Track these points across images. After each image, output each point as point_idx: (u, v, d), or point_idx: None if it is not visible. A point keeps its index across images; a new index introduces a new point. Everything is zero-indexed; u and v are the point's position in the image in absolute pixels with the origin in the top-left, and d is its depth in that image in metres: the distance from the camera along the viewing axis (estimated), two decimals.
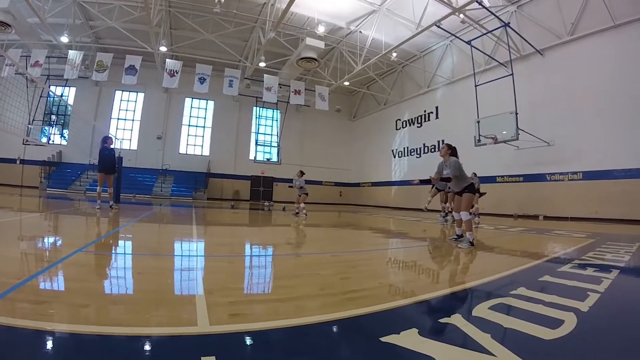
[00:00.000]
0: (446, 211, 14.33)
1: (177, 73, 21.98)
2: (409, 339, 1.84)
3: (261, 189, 32.10)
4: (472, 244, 5.96)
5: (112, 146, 11.88)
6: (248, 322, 2.03)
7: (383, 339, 1.82)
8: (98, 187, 11.12)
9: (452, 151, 6.51)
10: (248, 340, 1.81)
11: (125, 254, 4.63)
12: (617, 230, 11.49)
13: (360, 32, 22.48)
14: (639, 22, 15.12)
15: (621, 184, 15.30)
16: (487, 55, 19.80)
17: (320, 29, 20.83)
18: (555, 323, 2.17)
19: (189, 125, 31.15)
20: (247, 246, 6.01)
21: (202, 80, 22.55)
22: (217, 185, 30.17)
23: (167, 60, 22.54)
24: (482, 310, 2.42)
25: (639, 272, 4.81)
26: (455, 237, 6.64)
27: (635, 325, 2.40)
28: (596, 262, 4.80)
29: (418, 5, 18.30)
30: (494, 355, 1.69)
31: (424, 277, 4.00)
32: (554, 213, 17.45)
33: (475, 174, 14.41)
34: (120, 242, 5.48)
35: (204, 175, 29.31)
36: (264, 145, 32.07)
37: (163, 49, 22.58)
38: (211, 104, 31.43)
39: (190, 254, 4.85)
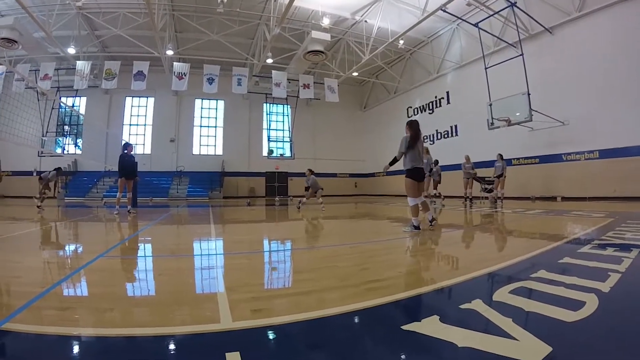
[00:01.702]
0: (469, 197, 14.28)
1: (185, 75, 22.17)
2: (430, 326, 1.85)
3: (276, 185, 32.16)
4: (415, 227, 6.09)
5: (132, 152, 12.29)
6: (270, 316, 2.06)
7: (405, 327, 1.83)
8: (118, 193, 11.53)
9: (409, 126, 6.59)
10: (271, 335, 1.85)
11: (145, 256, 4.72)
12: (637, 208, 11.29)
13: (366, 21, 22.34)
14: None
15: (638, 161, 14.88)
16: (496, 36, 19.45)
17: (325, 21, 20.75)
18: (576, 305, 2.16)
19: (201, 126, 31.32)
20: (265, 242, 6.07)
21: (210, 81, 22.70)
22: (232, 184, 30.29)
23: (175, 63, 22.73)
24: (502, 294, 2.42)
25: None
26: (430, 222, 6.55)
27: None
28: (616, 242, 4.73)
29: None
30: (517, 340, 1.69)
31: (443, 264, 4.02)
32: (572, 194, 17.08)
33: (501, 156, 14.37)
34: (140, 246, 5.56)
35: (219, 175, 29.45)
36: (276, 141, 32.31)
37: (170, 52, 22.76)
38: (221, 103, 31.55)
39: (209, 252, 4.93)
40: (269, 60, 23.82)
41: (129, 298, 2.63)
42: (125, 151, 11.85)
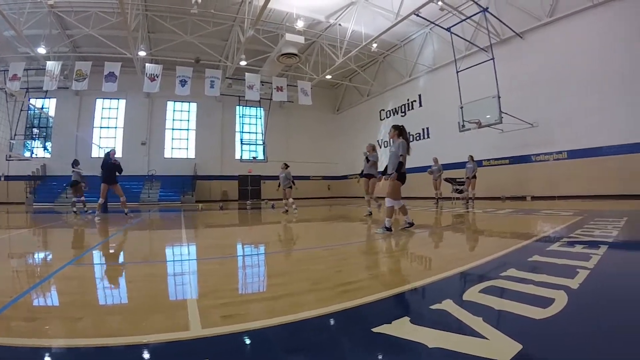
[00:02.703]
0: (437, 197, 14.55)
1: (157, 77, 21.74)
2: (400, 327, 1.84)
3: (249, 188, 31.96)
4: (387, 229, 6.10)
5: (114, 157, 12.46)
6: (241, 322, 2.00)
7: (375, 330, 1.81)
8: (100, 199, 11.99)
9: (399, 132, 6.56)
10: (241, 341, 1.80)
11: (115, 263, 4.55)
12: (604, 206, 11.68)
13: (340, 24, 22.43)
14: (617, 1, 15.22)
15: (605, 160, 15.53)
16: (467, 41, 19.86)
17: (300, 24, 20.73)
18: (546, 302, 2.18)
19: (173, 129, 30.84)
20: (238, 246, 5.98)
21: (183, 83, 22.36)
22: (204, 188, 29.88)
23: (147, 64, 22.32)
24: (473, 294, 2.43)
25: (627, 246, 4.86)
26: (407, 225, 6.53)
27: (625, 299, 2.43)
28: (585, 239, 4.85)
29: None
30: (487, 338, 1.70)
31: (416, 265, 4.02)
32: (542, 193, 17.70)
33: (472, 157, 14.67)
34: (111, 252, 5.39)
35: (191, 178, 29.12)
36: (249, 144, 32.04)
37: (142, 53, 22.31)
38: (194, 105, 31.14)
39: (180, 258, 4.79)
40: (243, 63, 23.63)
41: (99, 307, 2.51)
42: (109, 157, 12.12)
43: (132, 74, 24.49)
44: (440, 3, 17.18)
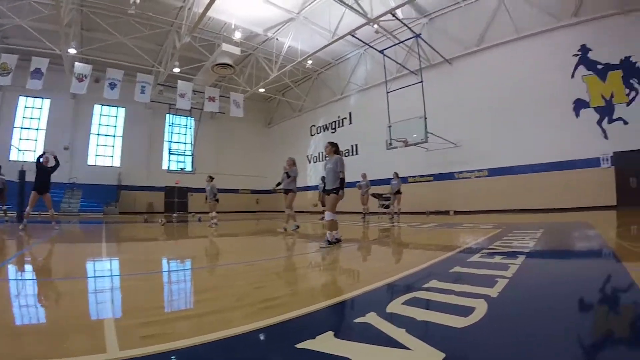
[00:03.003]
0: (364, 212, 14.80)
1: (86, 78, 20.14)
2: (324, 342, 1.82)
3: (176, 200, 30.37)
4: (329, 242, 6.18)
5: (48, 164, 11.33)
6: (160, 342, 1.87)
7: (299, 346, 1.78)
8: (28, 207, 10.70)
9: (335, 149, 6.66)
10: None
11: (29, 279, 4.12)
12: (522, 219, 12.54)
13: (277, 39, 22.47)
14: (540, 34, 17.10)
15: (522, 178, 17.24)
16: (399, 64, 20.80)
17: (237, 35, 20.62)
18: (467, 311, 2.24)
19: (99, 135, 28.45)
20: (160, 261, 5.63)
21: (112, 86, 20.99)
22: (129, 198, 27.94)
23: (76, 63, 20.56)
24: (396, 305, 2.45)
25: (543, 255, 5.17)
26: (335, 240, 6.47)
27: (541, 305, 2.55)
28: (503, 250, 5.12)
29: (334, 14, 18.70)
30: (410, 349, 1.72)
31: (340, 279, 4.00)
32: (464, 208, 18.91)
33: (396, 174, 15.14)
34: (25, 267, 4.86)
35: (115, 188, 27.26)
36: (177, 154, 30.77)
37: (72, 51, 20.40)
38: (122, 111, 29.09)
39: (100, 274, 4.38)
40: (176, 70, 22.86)
41: (9, 327, 2.28)
42: (41, 162, 10.99)
43: (59, 72, 22.52)
44: (375, 26, 17.86)
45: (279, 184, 10.49)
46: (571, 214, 14.10)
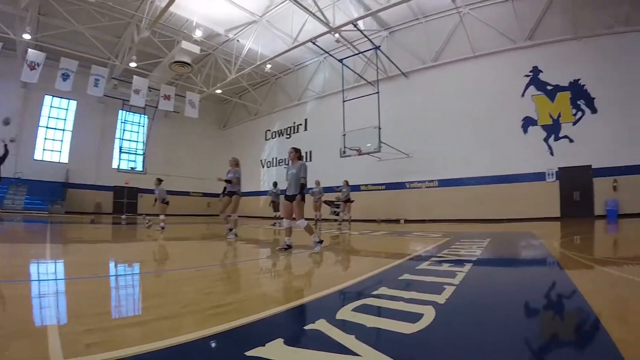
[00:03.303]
0: (318, 219, 14.78)
1: (38, 66, 18.79)
2: (274, 349, 1.80)
3: (125, 201, 29.08)
4: (320, 242, 6.21)
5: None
6: (106, 350, 1.77)
7: (248, 353, 1.75)
8: None
9: (299, 155, 6.73)
10: None
11: None
12: (470, 229, 13.06)
13: (238, 40, 22.26)
14: (495, 54, 18.30)
15: (472, 189, 18.20)
16: (357, 74, 21.26)
17: (198, 33, 20.26)
18: (415, 317, 2.28)
19: (47, 128, 26.51)
20: (107, 266, 5.27)
21: (65, 77, 19.78)
22: (76, 197, 26.32)
23: (30, 50, 19.32)
24: (346, 312, 2.46)
25: (489, 263, 5.40)
26: (285, 247, 6.43)
27: (487, 311, 2.65)
28: (451, 258, 5.26)
29: (297, 21, 18.84)
30: (360, 355, 1.73)
31: (290, 285, 3.99)
32: (414, 216, 19.55)
33: (346, 182, 15.27)
34: None
35: (62, 186, 25.66)
36: (129, 153, 29.35)
37: (27, 36, 19.27)
38: (73, 104, 27.27)
39: (42, 278, 4.11)
40: (132, 64, 22.08)
41: None
42: None
43: (10, 58, 21.19)
44: (337, 35, 18.07)
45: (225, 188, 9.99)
46: (518, 224, 14.88)
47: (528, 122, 17.21)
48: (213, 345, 1.98)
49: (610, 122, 15.47)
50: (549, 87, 16.89)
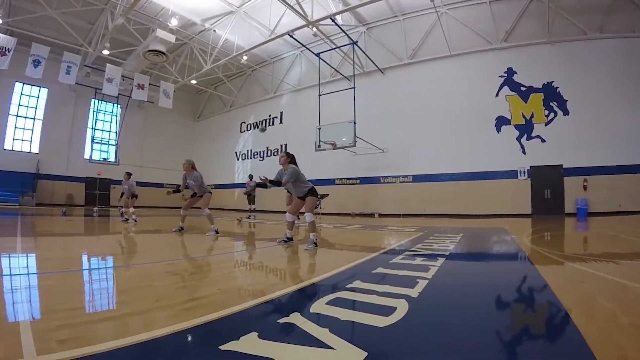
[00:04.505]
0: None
1: (9, 52, 17.94)
2: (248, 343, 1.82)
3: (97, 193, 28.29)
4: (316, 244, 6.10)
5: None
6: (79, 346, 1.76)
7: (223, 347, 1.76)
8: None
9: (290, 159, 6.64)
10: None
11: None
12: (443, 223, 13.30)
13: (214, 31, 21.85)
14: (471, 54, 18.68)
15: (445, 185, 18.58)
16: (333, 68, 21.25)
17: (174, 22, 19.73)
18: (388, 311, 2.32)
19: (17, 116, 25.31)
20: (79, 260, 5.13)
21: (36, 63, 18.90)
22: (47, 189, 25.47)
23: (0, 35, 18.50)
24: (320, 306, 2.49)
25: (462, 257, 5.46)
26: (285, 239, 6.59)
27: (459, 305, 2.70)
28: (425, 252, 5.35)
29: (275, 13, 18.64)
30: (334, 348, 1.76)
31: (264, 279, 3.94)
32: (388, 211, 19.84)
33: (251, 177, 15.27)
34: None
35: (33, 177, 24.68)
36: (101, 143, 28.27)
37: None
38: (44, 92, 26.16)
39: (13, 272, 4.03)
40: (106, 52, 21.30)
41: None
42: None
43: None
44: (314, 29, 18.01)
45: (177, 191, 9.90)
46: (490, 220, 15.26)
47: (501, 121, 17.60)
48: (187, 339, 1.96)
49: (581, 124, 16.02)
50: (522, 88, 17.31)
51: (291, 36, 17.89)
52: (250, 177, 18.05)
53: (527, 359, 1.75)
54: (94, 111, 27.78)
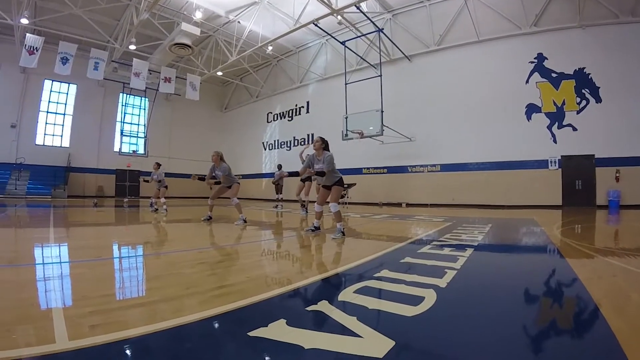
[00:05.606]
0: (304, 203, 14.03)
1: (37, 50, 18.58)
2: (277, 330, 1.83)
3: (127, 184, 29.14)
4: (343, 233, 6.04)
5: None
6: (109, 332, 1.80)
7: (251, 334, 1.78)
8: None
9: (325, 145, 6.50)
10: (109, 351, 1.64)
11: None
12: (472, 214, 13.03)
13: (239, 22, 21.91)
14: (499, 40, 17.97)
15: (474, 175, 18.13)
16: (359, 56, 20.97)
17: (198, 15, 19.93)
18: (416, 300, 2.30)
19: (48, 112, 26.22)
20: (110, 248, 5.30)
21: (64, 61, 19.50)
22: (78, 181, 26.40)
23: (28, 35, 19.01)
24: (347, 294, 2.49)
25: (490, 249, 5.37)
26: (313, 228, 6.57)
27: (488, 296, 2.68)
28: (453, 243, 5.28)
29: (299, 2, 18.65)
30: (361, 337, 1.76)
31: (292, 267, 3.98)
32: (416, 200, 19.65)
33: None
34: None
35: (64, 170, 25.51)
36: (130, 136, 29.19)
37: (25, 21, 18.96)
38: (73, 88, 27.00)
39: (46, 261, 4.09)
40: (132, 47, 21.78)
41: None
42: None
43: (9, 43, 21.20)
44: (339, 17, 17.82)
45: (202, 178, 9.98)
46: (519, 211, 14.86)
47: (532, 109, 17.01)
48: (216, 325, 1.99)
49: (614, 113, 15.31)
50: (553, 75, 16.64)
51: (316, 25, 17.77)
52: (279, 166, 18.10)
53: (555, 352, 1.71)
54: (122, 105, 28.40)
